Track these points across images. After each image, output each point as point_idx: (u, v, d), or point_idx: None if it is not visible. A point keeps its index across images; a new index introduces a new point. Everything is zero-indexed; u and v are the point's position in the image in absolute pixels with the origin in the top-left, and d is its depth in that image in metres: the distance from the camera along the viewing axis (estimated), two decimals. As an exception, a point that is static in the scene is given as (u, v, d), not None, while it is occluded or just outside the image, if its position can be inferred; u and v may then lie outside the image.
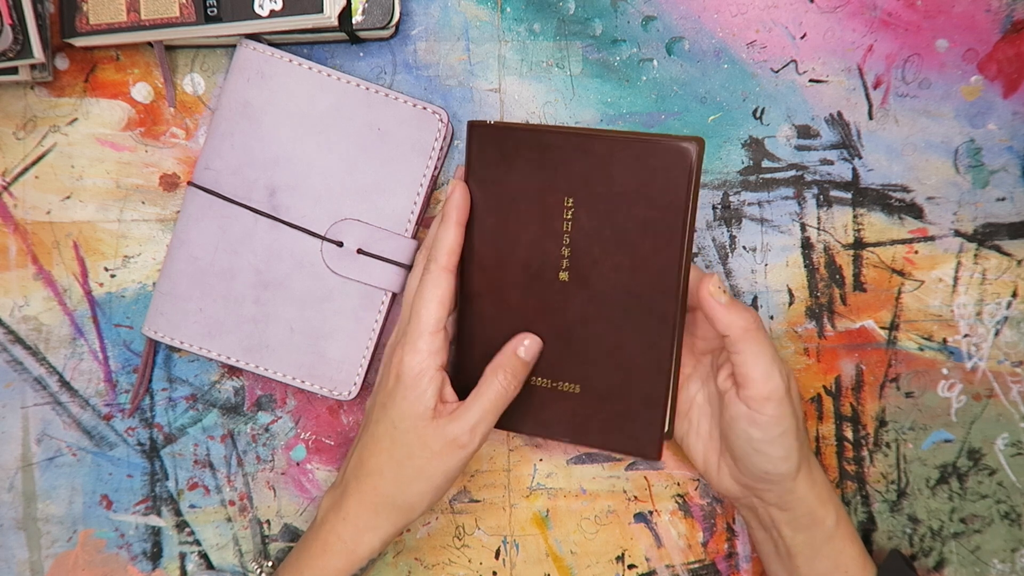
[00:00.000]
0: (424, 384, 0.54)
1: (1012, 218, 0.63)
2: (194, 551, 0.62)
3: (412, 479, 0.54)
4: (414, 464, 0.54)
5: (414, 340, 0.54)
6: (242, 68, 0.59)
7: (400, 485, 0.54)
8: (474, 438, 0.54)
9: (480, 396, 0.54)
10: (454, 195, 0.55)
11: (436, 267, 0.54)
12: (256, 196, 0.59)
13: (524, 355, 0.55)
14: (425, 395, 0.54)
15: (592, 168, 0.53)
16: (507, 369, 0.55)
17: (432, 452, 0.54)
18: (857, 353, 0.64)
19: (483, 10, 0.62)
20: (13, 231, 0.62)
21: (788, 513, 0.57)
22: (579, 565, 0.64)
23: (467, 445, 0.54)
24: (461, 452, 0.54)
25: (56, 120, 0.61)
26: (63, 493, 0.62)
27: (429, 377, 0.54)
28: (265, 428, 0.63)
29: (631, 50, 0.62)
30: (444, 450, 0.54)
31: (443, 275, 0.54)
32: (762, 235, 0.63)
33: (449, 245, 0.55)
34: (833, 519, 0.57)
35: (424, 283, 0.55)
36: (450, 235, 0.55)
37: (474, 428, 0.54)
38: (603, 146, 0.52)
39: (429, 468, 0.54)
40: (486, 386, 0.55)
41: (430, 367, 0.54)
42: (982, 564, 0.64)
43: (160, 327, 0.59)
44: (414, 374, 0.54)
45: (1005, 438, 0.64)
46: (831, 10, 0.62)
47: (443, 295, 0.54)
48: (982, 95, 0.63)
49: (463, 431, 0.54)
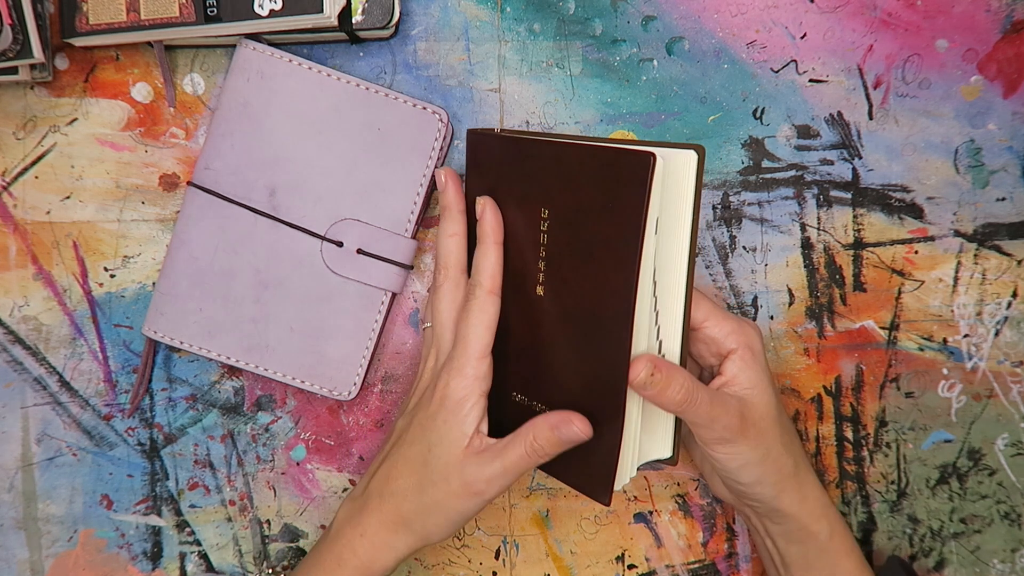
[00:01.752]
0: (467, 409, 0.53)
1: (1012, 218, 0.63)
2: (194, 551, 0.63)
3: (431, 509, 0.54)
4: (435, 496, 0.53)
5: (461, 365, 0.53)
6: (242, 68, 0.58)
7: (420, 512, 0.54)
8: (489, 488, 0.53)
9: (505, 452, 0.52)
10: (486, 215, 0.54)
11: (481, 292, 0.54)
12: (256, 196, 0.59)
13: (561, 435, 0.52)
14: (466, 421, 0.53)
15: (563, 179, 0.51)
16: (539, 439, 0.52)
17: (451, 489, 0.53)
18: (857, 353, 0.64)
19: (483, 10, 0.62)
20: (13, 231, 0.62)
21: (780, 526, 0.57)
22: (579, 565, 0.64)
23: (482, 493, 0.53)
24: (476, 498, 0.53)
25: (56, 120, 0.61)
26: (63, 493, 0.62)
27: (472, 403, 0.53)
28: (265, 428, 0.63)
29: (631, 50, 0.62)
30: (461, 491, 0.53)
31: (489, 299, 0.54)
32: (762, 235, 0.63)
33: (491, 268, 0.54)
34: (827, 533, 0.57)
35: (471, 308, 0.54)
36: (491, 257, 0.54)
37: (491, 480, 0.53)
38: (574, 156, 0.50)
39: (446, 503, 0.53)
40: (515, 444, 0.52)
41: (475, 392, 0.53)
42: (982, 564, 0.64)
43: (160, 327, 0.59)
44: (458, 398, 0.53)
45: (1005, 438, 0.64)
46: (831, 10, 0.62)
47: (490, 320, 0.54)
48: (982, 95, 0.63)
49: (480, 478, 0.52)
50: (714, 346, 0.55)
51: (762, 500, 0.56)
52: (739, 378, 0.54)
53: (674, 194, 0.50)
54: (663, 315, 0.52)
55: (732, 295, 0.63)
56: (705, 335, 0.55)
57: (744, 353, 0.54)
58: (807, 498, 0.56)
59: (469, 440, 0.53)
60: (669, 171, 0.49)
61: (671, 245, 0.51)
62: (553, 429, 0.52)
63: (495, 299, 0.54)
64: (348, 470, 0.63)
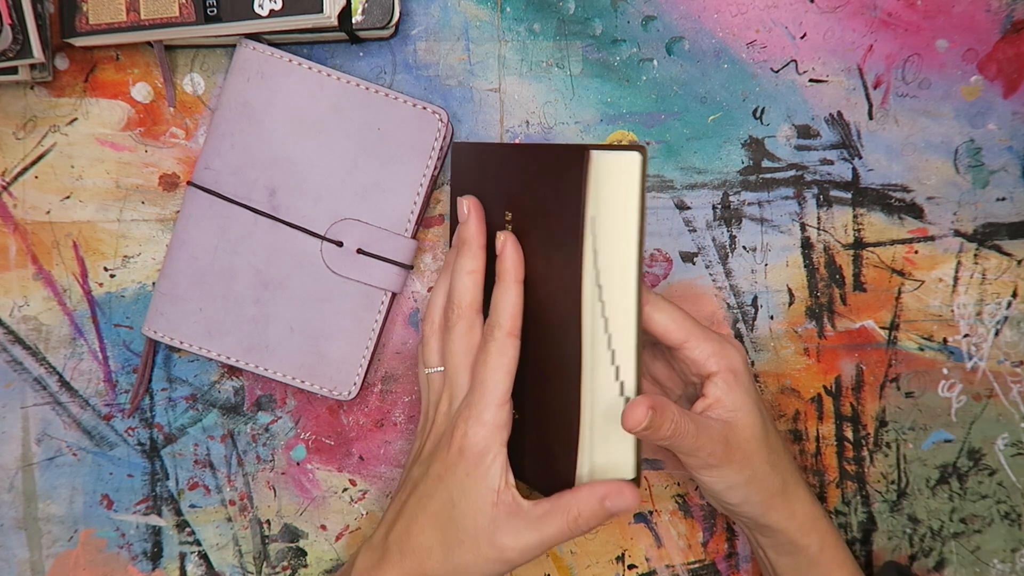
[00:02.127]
0: (489, 460, 0.50)
1: (1012, 218, 0.63)
2: (194, 551, 0.63)
3: (458, 571, 0.50)
4: (463, 558, 0.50)
5: (479, 412, 0.50)
6: (242, 68, 0.58)
7: (446, 573, 0.51)
8: (521, 558, 0.50)
9: (543, 524, 0.49)
10: (507, 251, 0.51)
11: (501, 333, 0.50)
12: (256, 196, 0.59)
13: (610, 506, 0.49)
14: (489, 474, 0.50)
15: (520, 181, 0.51)
16: (584, 514, 0.49)
17: (480, 552, 0.50)
18: (857, 353, 0.64)
19: (483, 10, 0.62)
20: (13, 231, 0.62)
21: (769, 539, 0.57)
22: (579, 565, 0.64)
23: (512, 561, 0.50)
24: (506, 565, 0.50)
25: (56, 120, 0.61)
26: (63, 493, 0.62)
27: (494, 453, 0.50)
28: (265, 428, 0.63)
29: (631, 50, 0.62)
30: (491, 555, 0.50)
31: (509, 342, 0.50)
32: (762, 235, 0.63)
33: (512, 308, 0.50)
34: (817, 547, 0.56)
35: (489, 351, 0.50)
36: (511, 296, 0.51)
37: (524, 550, 0.49)
38: (527, 156, 0.51)
39: (475, 567, 0.50)
40: (556, 517, 0.49)
41: (495, 441, 0.50)
42: (982, 564, 0.64)
43: (160, 327, 0.59)
44: (479, 449, 0.50)
45: (1005, 438, 0.64)
46: (831, 10, 0.62)
47: (510, 364, 0.50)
48: (982, 95, 0.63)
49: (514, 547, 0.49)
50: (695, 367, 0.53)
51: (750, 517, 0.55)
52: (722, 401, 0.53)
53: (618, 196, 0.48)
54: (612, 322, 0.50)
55: (732, 295, 0.63)
56: (686, 356, 0.53)
57: (726, 376, 0.53)
58: (796, 514, 0.55)
59: (497, 495, 0.50)
60: (612, 172, 0.48)
61: (616, 249, 0.49)
62: (602, 501, 0.49)
63: (515, 341, 0.50)
64: (348, 470, 0.63)
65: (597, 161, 0.47)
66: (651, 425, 0.48)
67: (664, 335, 0.53)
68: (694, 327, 0.53)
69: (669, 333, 0.53)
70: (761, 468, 0.54)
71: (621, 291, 0.49)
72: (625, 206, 0.48)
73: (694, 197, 0.63)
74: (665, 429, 0.49)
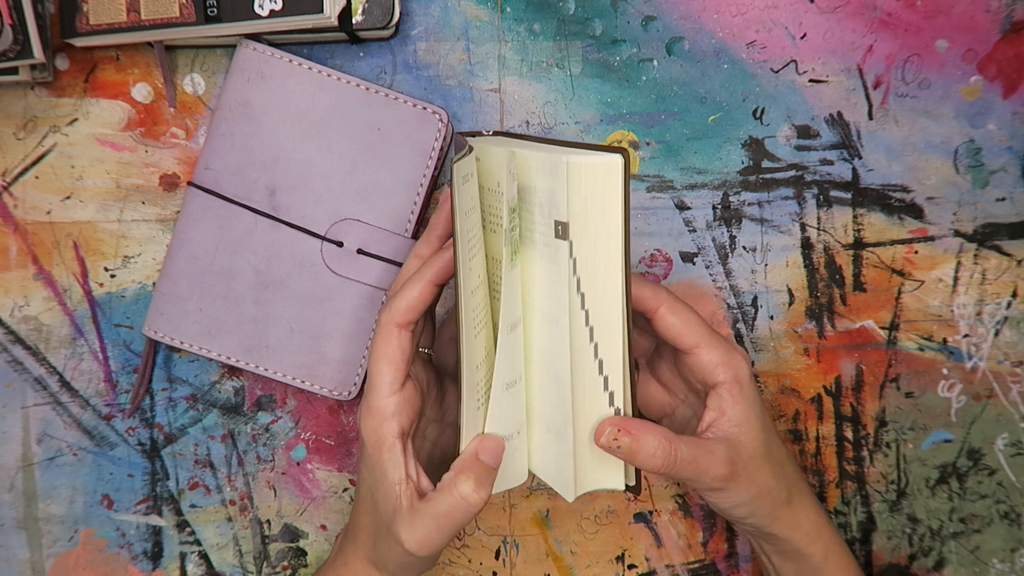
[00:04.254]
0: (385, 453, 0.49)
1: (1012, 218, 0.63)
2: (194, 551, 0.63)
3: (387, 555, 0.51)
4: (388, 548, 0.51)
5: (367, 402, 0.50)
6: (242, 68, 0.59)
7: (379, 555, 0.52)
8: (423, 548, 0.49)
9: (433, 507, 0.48)
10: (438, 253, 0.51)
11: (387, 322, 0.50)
12: (256, 196, 0.59)
13: (485, 458, 0.49)
14: (388, 467, 0.49)
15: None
16: (464, 482, 0.48)
17: (391, 546, 0.50)
18: (857, 353, 0.64)
19: (483, 10, 0.62)
20: (13, 231, 0.62)
21: (774, 546, 0.57)
22: (579, 565, 0.64)
23: (416, 554, 0.49)
24: (413, 559, 0.50)
25: (56, 120, 0.61)
26: (64, 493, 0.62)
27: (389, 446, 0.49)
28: (265, 428, 0.63)
29: (631, 50, 0.62)
30: (397, 549, 0.49)
31: (393, 331, 0.50)
32: (762, 235, 0.63)
33: (408, 301, 0.50)
34: (822, 555, 0.56)
35: (375, 342, 0.50)
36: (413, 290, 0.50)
37: (422, 542, 0.49)
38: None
39: (399, 557, 0.51)
40: (442, 496, 0.48)
41: (388, 433, 0.49)
42: (981, 564, 0.64)
43: (160, 327, 0.59)
44: (372, 442, 0.50)
45: (1005, 438, 0.64)
46: (831, 10, 0.62)
47: (393, 353, 0.50)
48: (982, 95, 0.63)
49: (412, 540, 0.49)
50: (701, 374, 0.53)
51: (756, 528, 0.55)
52: (727, 415, 0.52)
53: (598, 202, 0.46)
54: (599, 331, 0.49)
55: (732, 295, 0.63)
56: (694, 362, 0.52)
57: (732, 387, 0.52)
58: (801, 523, 0.55)
59: (399, 488, 0.49)
60: (589, 177, 0.46)
61: (599, 256, 0.47)
62: (476, 457, 0.49)
63: (399, 331, 0.49)
64: (348, 470, 0.63)
65: (572, 167, 0.45)
66: (621, 447, 0.48)
67: (676, 339, 0.52)
68: (705, 332, 0.52)
69: (681, 337, 0.52)
70: (767, 483, 0.53)
71: (606, 300, 0.48)
72: (606, 211, 0.46)
73: (694, 197, 0.63)
74: (645, 456, 0.49)
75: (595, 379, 0.49)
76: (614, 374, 0.49)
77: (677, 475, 0.50)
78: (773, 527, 0.55)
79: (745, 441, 0.52)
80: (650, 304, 0.52)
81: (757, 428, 0.52)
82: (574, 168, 0.45)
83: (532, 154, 0.47)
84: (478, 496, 0.48)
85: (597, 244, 0.47)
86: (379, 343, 0.50)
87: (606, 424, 0.49)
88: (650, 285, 0.52)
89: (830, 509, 0.64)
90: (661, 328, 0.52)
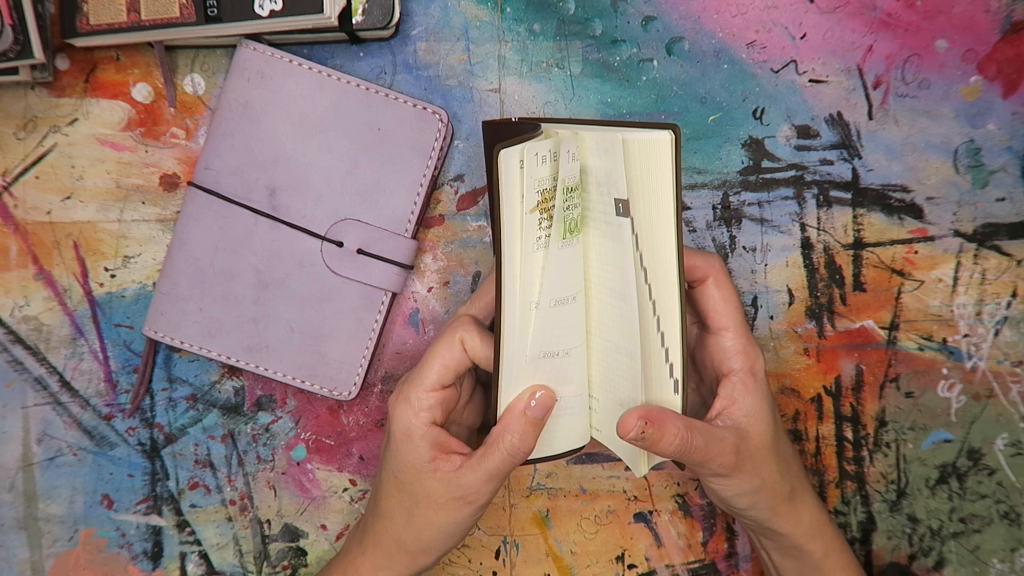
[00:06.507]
0: (415, 441, 0.51)
1: (1012, 218, 0.63)
2: (194, 551, 0.63)
3: (422, 528, 0.52)
4: (423, 514, 0.52)
5: (407, 391, 0.52)
6: (242, 68, 0.59)
7: (411, 532, 0.53)
8: (480, 495, 0.51)
9: (486, 461, 0.51)
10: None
11: (459, 323, 0.52)
12: (256, 196, 0.59)
13: (531, 413, 0.51)
14: (419, 450, 0.51)
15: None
16: (514, 434, 0.51)
17: (438, 504, 0.51)
18: (857, 353, 0.64)
19: (483, 10, 0.62)
20: (13, 231, 0.62)
21: (774, 543, 0.57)
22: (579, 565, 0.64)
23: (474, 501, 0.51)
24: (468, 507, 0.52)
25: (56, 120, 0.61)
26: (64, 493, 0.62)
27: (420, 434, 0.51)
28: (265, 428, 0.63)
29: (631, 50, 0.62)
30: (450, 504, 0.51)
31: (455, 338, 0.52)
32: (762, 235, 0.63)
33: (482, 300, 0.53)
34: (822, 553, 0.56)
35: (439, 338, 0.52)
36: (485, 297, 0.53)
37: (479, 488, 0.51)
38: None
39: (437, 519, 0.52)
40: (492, 451, 0.51)
41: (419, 423, 0.51)
42: (981, 564, 0.64)
43: (160, 327, 0.59)
44: (402, 429, 0.51)
45: (1005, 438, 0.64)
46: (831, 10, 0.62)
47: (448, 355, 0.52)
48: (982, 95, 0.63)
49: (468, 489, 0.51)
50: (718, 357, 0.53)
51: (756, 521, 0.55)
52: (738, 404, 0.52)
53: (651, 178, 0.48)
54: (659, 304, 0.50)
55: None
56: (717, 344, 0.53)
57: (746, 378, 0.52)
58: (802, 520, 0.55)
59: (431, 463, 0.51)
60: (642, 154, 0.47)
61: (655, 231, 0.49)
62: (524, 413, 0.51)
63: (460, 342, 0.51)
64: (348, 470, 0.63)
65: (627, 144, 0.47)
66: (646, 438, 0.48)
67: (710, 313, 0.53)
68: (739, 319, 0.53)
69: (715, 313, 0.53)
70: (771, 476, 0.53)
71: (665, 274, 0.49)
72: (660, 186, 0.48)
73: (694, 197, 0.63)
74: (667, 443, 0.49)
75: (658, 351, 0.51)
76: (673, 346, 0.51)
77: (689, 459, 0.51)
78: (773, 522, 0.55)
79: (753, 432, 0.52)
80: (700, 272, 0.53)
81: (767, 421, 0.53)
82: (630, 145, 0.47)
83: (586, 134, 0.48)
84: (524, 444, 0.51)
85: (653, 219, 0.48)
86: (443, 340, 0.51)
87: (632, 418, 0.49)
88: (702, 254, 0.53)
89: (830, 509, 0.64)
90: (702, 299, 0.53)
